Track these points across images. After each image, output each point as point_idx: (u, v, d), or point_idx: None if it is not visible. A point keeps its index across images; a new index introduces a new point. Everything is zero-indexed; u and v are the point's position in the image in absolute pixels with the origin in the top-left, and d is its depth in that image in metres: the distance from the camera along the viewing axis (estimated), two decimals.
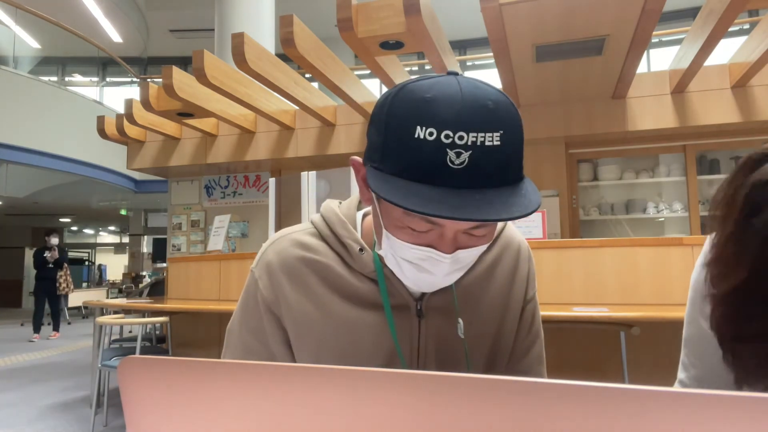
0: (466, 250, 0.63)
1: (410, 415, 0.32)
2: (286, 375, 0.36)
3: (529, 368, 0.82)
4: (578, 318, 2.32)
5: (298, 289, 0.74)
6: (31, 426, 3.67)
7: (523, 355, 0.81)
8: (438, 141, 0.56)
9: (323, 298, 0.74)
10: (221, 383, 0.37)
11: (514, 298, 0.80)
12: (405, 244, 0.63)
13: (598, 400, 0.29)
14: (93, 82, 12.49)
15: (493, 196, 0.57)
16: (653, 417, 0.28)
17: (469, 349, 0.75)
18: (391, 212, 0.63)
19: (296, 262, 0.75)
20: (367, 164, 0.64)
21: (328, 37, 4.45)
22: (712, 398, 0.27)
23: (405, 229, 0.62)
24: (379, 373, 0.34)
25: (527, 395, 0.30)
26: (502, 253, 0.79)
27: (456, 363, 0.75)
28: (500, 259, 0.79)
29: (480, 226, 0.62)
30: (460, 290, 0.75)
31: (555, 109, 4.57)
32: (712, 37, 3.15)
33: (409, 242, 0.62)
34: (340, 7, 3.11)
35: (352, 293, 0.74)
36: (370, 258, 0.74)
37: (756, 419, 0.26)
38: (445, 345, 0.75)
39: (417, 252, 0.62)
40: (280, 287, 0.74)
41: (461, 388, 0.32)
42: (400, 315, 0.73)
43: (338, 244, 0.75)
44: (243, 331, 0.78)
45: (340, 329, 0.73)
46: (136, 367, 0.39)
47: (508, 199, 0.57)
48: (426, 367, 0.74)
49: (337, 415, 0.34)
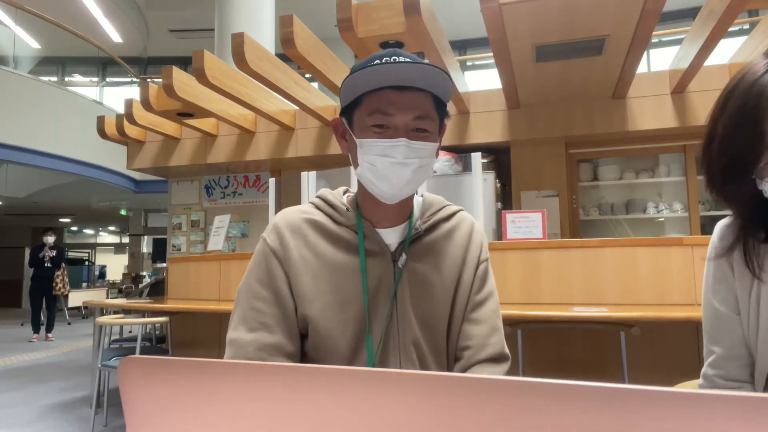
0: (416, 142, 0.88)
1: (410, 415, 0.32)
2: (286, 375, 0.36)
3: (487, 318, 0.98)
4: (578, 318, 2.32)
5: (297, 239, 0.95)
6: (31, 426, 3.67)
7: (479, 305, 0.99)
8: (379, 63, 0.87)
9: (317, 246, 0.95)
10: (221, 383, 0.37)
11: (471, 255, 1.00)
12: (372, 141, 0.88)
13: (598, 400, 0.29)
14: (93, 82, 12.50)
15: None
16: (653, 417, 0.28)
17: (437, 293, 0.95)
18: (358, 124, 0.90)
19: (297, 220, 0.97)
20: (341, 111, 0.95)
21: (328, 37, 4.45)
22: (712, 398, 0.27)
23: (369, 129, 0.88)
24: (379, 373, 0.34)
25: (527, 395, 0.30)
26: (459, 223, 1.02)
27: (427, 302, 0.95)
28: (457, 227, 1.02)
29: (421, 118, 0.88)
30: (425, 244, 0.98)
31: (555, 109, 4.57)
32: (712, 37, 3.15)
33: (374, 138, 0.88)
34: (340, 7, 3.11)
35: (339, 241, 0.95)
36: (353, 215, 0.97)
37: (756, 419, 0.26)
38: (418, 287, 0.95)
39: (382, 143, 0.87)
40: (283, 238, 0.95)
41: (461, 388, 0.32)
42: (378, 260, 0.94)
43: (329, 208, 0.99)
44: (252, 281, 0.94)
45: (329, 267, 0.93)
46: (136, 367, 0.39)
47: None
48: (402, 304, 0.93)
49: (337, 415, 0.34)
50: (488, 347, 0.95)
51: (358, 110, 0.90)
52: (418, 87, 0.88)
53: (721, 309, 0.93)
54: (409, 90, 0.87)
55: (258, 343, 0.89)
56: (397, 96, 0.87)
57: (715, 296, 0.94)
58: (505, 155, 5.00)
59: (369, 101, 0.88)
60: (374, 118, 0.88)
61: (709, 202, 4.83)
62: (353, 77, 0.86)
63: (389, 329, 0.93)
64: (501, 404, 0.31)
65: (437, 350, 0.95)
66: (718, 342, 0.93)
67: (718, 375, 0.92)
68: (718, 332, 0.93)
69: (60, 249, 8.59)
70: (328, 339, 0.91)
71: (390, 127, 0.88)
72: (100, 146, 7.72)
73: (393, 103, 0.87)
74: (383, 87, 0.87)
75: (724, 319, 0.92)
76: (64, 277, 8.50)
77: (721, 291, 0.93)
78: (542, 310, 2.47)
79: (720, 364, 0.92)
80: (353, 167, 0.95)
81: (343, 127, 0.95)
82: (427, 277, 0.95)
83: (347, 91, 0.90)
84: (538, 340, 2.91)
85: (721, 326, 0.93)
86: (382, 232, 0.96)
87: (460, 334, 0.97)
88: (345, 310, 0.92)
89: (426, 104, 0.89)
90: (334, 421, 0.34)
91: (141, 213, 14.85)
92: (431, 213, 1.00)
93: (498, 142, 4.76)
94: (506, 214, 3.14)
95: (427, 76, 0.86)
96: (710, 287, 0.95)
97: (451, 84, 0.89)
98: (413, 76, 0.86)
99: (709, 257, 0.97)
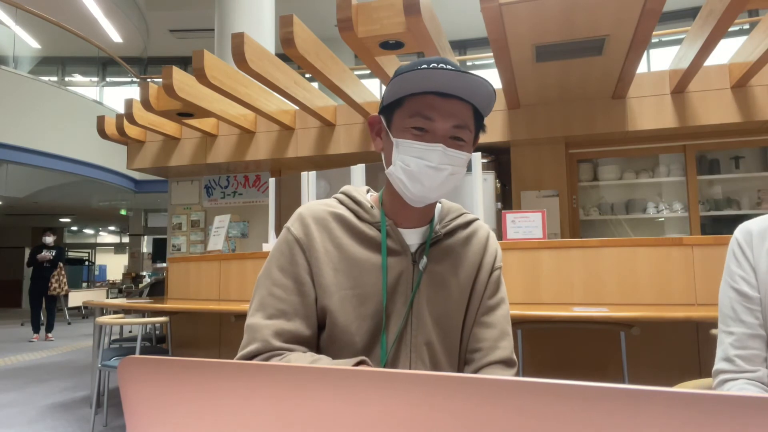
0: (452, 149, 0.89)
1: (410, 415, 0.32)
2: (286, 375, 0.36)
3: (498, 322, 1.00)
4: (578, 318, 2.32)
5: (322, 231, 0.96)
6: (31, 426, 3.67)
7: (491, 310, 1.01)
8: (427, 68, 0.87)
9: (340, 240, 0.96)
10: (221, 383, 0.37)
11: (486, 261, 1.03)
12: (410, 142, 0.89)
13: (598, 400, 0.29)
14: (93, 82, 12.49)
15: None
16: (653, 417, 0.28)
17: (453, 295, 0.98)
18: (397, 124, 0.92)
19: (322, 213, 0.98)
20: (381, 108, 0.96)
21: (328, 37, 4.46)
22: (712, 398, 0.27)
23: (408, 131, 0.90)
24: (379, 373, 0.34)
25: (527, 395, 0.30)
26: (476, 231, 1.05)
27: (444, 304, 0.97)
28: (475, 234, 1.04)
29: (459, 127, 0.89)
30: (444, 247, 1.00)
31: (555, 109, 4.57)
32: (712, 37, 3.15)
33: (412, 140, 0.89)
34: (340, 7, 3.11)
35: (362, 237, 0.97)
36: (378, 212, 0.99)
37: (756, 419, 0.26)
38: (436, 289, 0.97)
39: (420, 145, 0.89)
40: (308, 228, 0.96)
41: (462, 388, 0.32)
42: (398, 259, 0.96)
43: (354, 204, 1.00)
44: (273, 269, 0.95)
45: (350, 261, 0.95)
46: (136, 367, 0.39)
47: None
48: (419, 305, 0.95)
49: (337, 415, 0.34)
50: (498, 350, 0.97)
51: (399, 110, 0.92)
52: (461, 97, 0.89)
53: (743, 288, 1.00)
54: (452, 98, 0.89)
55: (275, 329, 0.89)
56: (440, 102, 0.89)
57: (735, 279, 1.01)
58: (505, 155, 5.00)
59: (411, 104, 0.90)
60: (414, 121, 0.89)
61: (709, 202, 4.83)
62: (401, 77, 0.87)
63: (405, 329, 0.94)
64: (501, 404, 0.31)
65: (450, 351, 0.97)
66: (741, 322, 0.99)
67: (739, 356, 0.98)
68: (741, 312, 0.99)
69: (59, 249, 8.54)
70: (344, 333, 0.92)
71: (429, 131, 0.89)
72: (100, 146, 7.72)
73: (435, 108, 0.89)
74: (428, 92, 0.89)
75: (746, 297, 0.99)
76: (60, 277, 8.30)
77: (740, 273, 1.01)
78: (542, 310, 2.47)
79: (742, 343, 0.98)
80: (385, 166, 0.96)
81: (379, 125, 0.97)
82: (444, 280, 0.98)
83: (391, 90, 0.91)
84: (538, 340, 2.91)
85: (744, 306, 0.99)
86: (404, 232, 0.98)
87: (471, 336, 0.99)
88: (363, 306, 0.93)
89: (466, 114, 0.91)
90: (334, 421, 0.34)
91: (141, 213, 14.84)
92: (450, 218, 1.03)
93: (498, 142, 4.76)
94: (506, 214, 3.14)
95: (471, 88, 0.88)
96: (730, 273, 1.02)
97: (495, 98, 0.91)
98: (459, 86, 0.87)
99: (731, 249, 1.04)
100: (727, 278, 1.03)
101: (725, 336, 1.01)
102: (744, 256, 1.01)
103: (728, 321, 1.01)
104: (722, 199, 4.83)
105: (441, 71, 0.85)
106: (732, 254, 1.04)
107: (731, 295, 1.01)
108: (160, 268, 8.74)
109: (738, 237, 1.04)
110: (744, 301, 0.99)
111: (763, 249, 1.00)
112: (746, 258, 1.01)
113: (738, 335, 0.98)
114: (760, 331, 0.97)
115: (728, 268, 1.04)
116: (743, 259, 1.01)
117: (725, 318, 1.02)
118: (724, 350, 1.00)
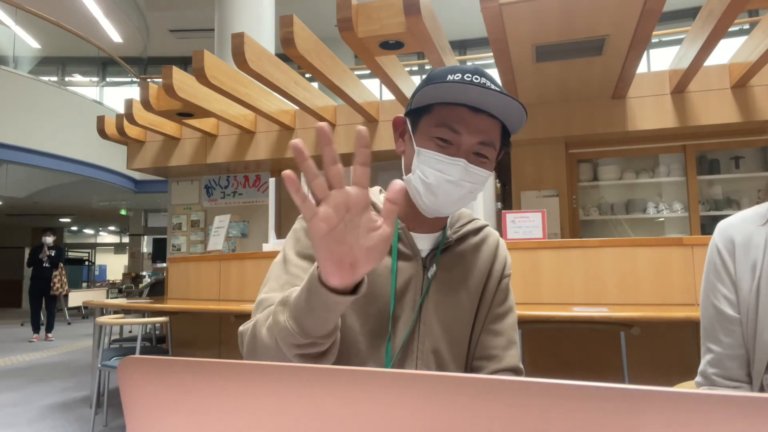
0: (474, 166, 0.86)
1: (410, 415, 0.32)
2: (286, 375, 0.36)
3: (505, 330, 0.99)
4: (578, 318, 2.32)
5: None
6: (31, 426, 3.67)
7: (499, 318, 1.00)
8: (461, 79, 0.87)
9: None
10: (221, 383, 0.37)
11: (496, 269, 1.01)
12: (432, 153, 0.86)
13: (598, 400, 0.29)
14: (93, 82, 12.50)
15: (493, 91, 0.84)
16: (653, 417, 0.28)
17: (462, 303, 0.96)
18: (423, 131, 0.88)
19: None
20: (408, 110, 0.92)
21: (328, 37, 4.45)
22: (712, 398, 0.27)
23: (433, 140, 0.87)
24: (379, 373, 0.34)
25: (527, 395, 0.30)
26: (486, 238, 1.03)
27: (453, 311, 0.95)
28: (485, 241, 1.02)
29: (485, 144, 0.87)
30: (454, 254, 0.98)
31: (555, 109, 4.57)
32: (712, 37, 3.15)
33: (435, 150, 0.86)
34: (340, 7, 3.11)
35: None
36: None
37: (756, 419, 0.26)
38: (445, 296, 0.95)
39: (440, 158, 0.86)
40: None
41: (461, 388, 0.32)
42: (408, 263, 0.94)
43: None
44: (288, 253, 0.92)
45: None
46: (136, 367, 0.39)
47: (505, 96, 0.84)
48: (428, 312, 0.93)
49: (337, 415, 0.34)
50: (506, 359, 0.96)
51: (427, 117, 0.89)
52: (493, 114, 0.87)
53: (722, 308, 0.94)
54: (483, 113, 0.86)
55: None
56: (469, 116, 0.86)
57: (716, 295, 0.96)
58: (505, 155, 5.00)
59: (440, 112, 0.87)
60: (441, 131, 0.87)
61: (709, 202, 4.83)
62: (433, 87, 0.84)
63: (411, 335, 0.92)
64: (501, 404, 0.31)
65: (457, 359, 0.96)
66: (719, 341, 0.94)
67: (717, 374, 0.94)
68: (719, 331, 0.95)
69: (59, 249, 8.56)
70: (349, 330, 0.90)
71: (454, 144, 0.87)
72: (100, 146, 7.72)
73: (464, 122, 0.86)
74: (458, 103, 0.86)
75: (725, 318, 0.94)
76: (62, 277, 8.36)
77: (722, 290, 0.95)
78: (542, 310, 2.47)
79: (719, 363, 0.94)
80: (404, 171, 0.93)
81: (404, 127, 0.94)
82: (454, 287, 0.96)
83: (422, 96, 0.88)
84: (538, 340, 2.91)
85: (722, 325, 0.94)
86: (416, 236, 0.96)
87: (478, 344, 0.98)
88: (369, 306, 0.91)
89: (494, 131, 0.89)
90: (334, 421, 0.34)
91: (141, 213, 14.84)
92: (461, 224, 1.01)
93: None
94: (506, 214, 3.14)
95: (504, 106, 0.85)
96: (711, 286, 0.97)
97: (526, 118, 0.88)
98: (491, 102, 0.85)
99: (711, 258, 0.98)
100: (708, 291, 0.98)
101: (704, 350, 0.98)
102: (726, 269, 0.96)
103: (708, 335, 0.97)
104: (722, 199, 4.83)
105: (475, 87, 0.83)
106: (713, 266, 0.98)
107: (711, 310, 0.97)
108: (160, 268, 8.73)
109: (719, 245, 0.98)
110: (723, 320, 0.94)
111: (747, 263, 0.94)
112: (728, 272, 0.96)
113: (716, 354, 0.95)
114: (739, 351, 0.93)
115: (708, 278, 0.99)
116: (725, 274, 0.96)
117: (705, 331, 0.98)
118: (704, 365, 0.97)
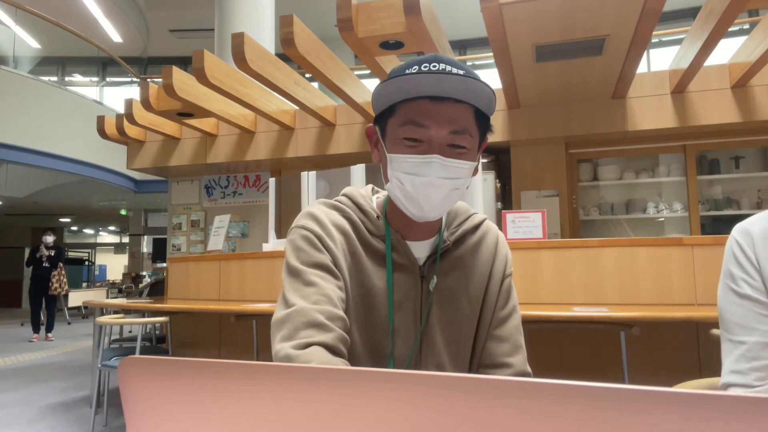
0: (451, 159, 0.80)
1: (410, 415, 0.32)
2: (285, 375, 0.36)
3: (510, 335, 0.95)
4: (578, 318, 2.32)
5: (338, 231, 0.89)
6: (31, 426, 3.67)
7: (503, 322, 0.95)
8: (419, 70, 0.80)
9: (354, 245, 0.89)
10: (221, 383, 0.37)
11: (497, 269, 0.96)
12: (403, 157, 0.80)
13: (598, 400, 0.29)
14: (93, 82, 12.50)
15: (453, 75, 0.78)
16: (653, 417, 0.28)
17: (464, 312, 0.92)
18: (390, 135, 0.83)
19: (335, 215, 0.91)
20: (375, 118, 0.87)
21: (328, 37, 4.45)
22: (712, 398, 0.27)
23: (401, 142, 0.81)
24: (379, 373, 0.34)
25: (527, 395, 0.30)
26: (484, 235, 0.97)
27: (455, 323, 0.91)
28: (483, 239, 0.97)
29: (458, 132, 0.80)
30: (453, 259, 0.93)
31: (555, 109, 4.57)
32: (712, 37, 3.15)
33: (406, 153, 0.80)
34: (340, 7, 3.11)
35: (369, 247, 0.90)
36: (383, 225, 0.91)
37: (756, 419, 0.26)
38: (446, 307, 0.91)
39: (413, 159, 0.80)
40: (325, 227, 0.88)
41: (461, 388, 0.32)
42: (405, 274, 0.89)
43: (360, 213, 0.92)
44: (297, 264, 0.85)
45: (359, 269, 0.88)
46: (136, 367, 0.39)
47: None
48: (430, 326, 0.90)
49: (337, 415, 0.34)
50: (512, 367, 0.92)
51: (392, 119, 0.83)
52: (457, 98, 0.79)
53: (752, 294, 0.91)
54: (447, 101, 0.79)
55: (319, 310, 0.79)
56: (432, 107, 0.79)
57: (739, 284, 0.92)
58: (505, 155, 5.00)
59: (403, 111, 0.81)
60: (406, 130, 0.80)
61: (709, 202, 4.83)
62: (387, 84, 0.79)
63: (415, 354, 0.89)
64: (501, 404, 0.31)
65: (460, 370, 0.92)
66: (752, 331, 0.89)
67: (753, 368, 0.88)
68: (751, 320, 0.90)
69: (59, 249, 8.55)
70: (353, 345, 0.86)
71: (424, 141, 0.80)
72: (100, 146, 7.72)
73: (427, 114, 0.79)
74: (419, 96, 0.80)
75: (758, 303, 0.90)
76: (61, 277, 8.32)
77: (746, 279, 0.92)
78: (542, 310, 2.47)
79: (756, 353, 0.88)
80: (383, 181, 0.89)
81: (376, 136, 0.88)
82: (454, 295, 0.92)
83: (380, 99, 0.82)
84: (538, 340, 2.91)
85: (756, 312, 0.90)
86: (412, 244, 0.90)
87: (483, 351, 0.94)
88: (369, 317, 0.88)
89: (465, 118, 0.81)
90: (334, 421, 0.34)
91: (141, 213, 14.85)
92: (458, 223, 0.95)
93: (498, 142, 4.76)
94: (506, 214, 3.14)
95: (466, 87, 0.78)
96: (733, 278, 0.93)
97: (494, 96, 0.81)
98: (451, 87, 0.78)
99: (731, 251, 0.95)
100: (729, 283, 0.93)
101: (733, 346, 0.91)
102: (747, 258, 0.92)
103: (735, 329, 0.91)
104: (722, 199, 4.83)
105: (428, 74, 0.77)
106: (732, 257, 0.95)
107: (736, 300, 0.92)
108: (160, 268, 8.73)
109: (737, 238, 0.95)
110: (754, 306, 0.89)
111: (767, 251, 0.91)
112: (749, 260, 0.92)
113: (750, 345, 0.88)
114: None
115: (728, 271, 0.95)
116: (746, 262, 0.92)
117: (731, 326, 0.92)
118: (734, 362, 0.90)
